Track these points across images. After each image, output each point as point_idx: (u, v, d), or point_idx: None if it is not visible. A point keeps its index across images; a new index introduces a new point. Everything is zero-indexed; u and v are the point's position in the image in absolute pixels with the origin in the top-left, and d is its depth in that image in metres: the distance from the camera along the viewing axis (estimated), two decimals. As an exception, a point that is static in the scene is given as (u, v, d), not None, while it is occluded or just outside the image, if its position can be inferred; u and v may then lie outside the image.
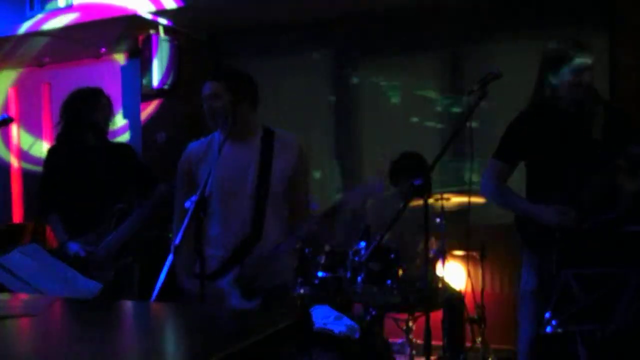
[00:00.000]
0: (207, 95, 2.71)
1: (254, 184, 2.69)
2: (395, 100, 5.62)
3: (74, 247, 3.43)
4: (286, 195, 2.76)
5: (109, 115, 3.68)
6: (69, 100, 3.65)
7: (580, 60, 2.73)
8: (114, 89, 3.85)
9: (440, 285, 4.06)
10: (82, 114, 3.58)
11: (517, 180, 2.96)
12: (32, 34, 5.80)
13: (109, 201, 3.54)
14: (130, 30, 5.73)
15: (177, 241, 2.28)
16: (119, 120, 3.83)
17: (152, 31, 5.69)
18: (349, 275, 3.91)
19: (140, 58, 5.77)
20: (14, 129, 7.17)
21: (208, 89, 2.71)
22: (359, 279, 3.84)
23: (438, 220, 4.25)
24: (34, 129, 7.15)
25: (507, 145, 2.92)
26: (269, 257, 2.66)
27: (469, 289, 4.44)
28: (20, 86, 7.28)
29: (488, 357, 4.40)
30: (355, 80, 5.79)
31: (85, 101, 3.62)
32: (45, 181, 3.64)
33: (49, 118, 7.08)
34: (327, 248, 4.04)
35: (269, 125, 2.84)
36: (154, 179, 3.75)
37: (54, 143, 3.71)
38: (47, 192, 3.61)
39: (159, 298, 2.16)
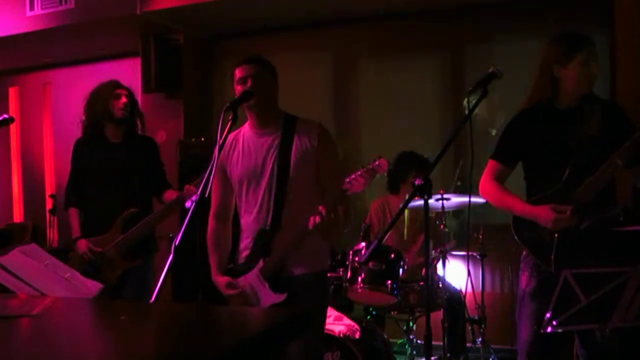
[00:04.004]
0: (239, 78, 2.73)
1: (273, 171, 2.70)
2: (394, 100, 5.62)
3: (83, 246, 3.58)
4: (314, 180, 2.71)
5: (129, 104, 3.69)
6: (89, 96, 3.73)
7: (589, 51, 2.73)
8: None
9: (440, 285, 4.07)
10: (99, 108, 3.66)
11: (517, 180, 2.96)
12: (32, 34, 5.80)
13: (126, 200, 3.62)
14: (131, 30, 5.73)
15: (177, 241, 2.28)
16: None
17: (152, 31, 5.69)
18: (349, 275, 3.91)
19: (141, 58, 5.76)
20: (14, 129, 7.18)
21: (241, 73, 2.73)
22: (359, 279, 3.84)
23: (437, 221, 4.26)
24: (34, 129, 7.15)
25: (504, 146, 2.91)
26: (290, 245, 2.63)
27: (469, 289, 4.44)
28: (20, 86, 7.28)
29: (488, 357, 4.40)
30: (355, 80, 5.79)
31: (101, 93, 3.69)
32: (70, 175, 3.79)
33: (49, 118, 7.08)
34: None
35: (291, 113, 2.84)
36: (167, 183, 3.82)
37: (80, 137, 3.80)
38: (69, 186, 3.77)
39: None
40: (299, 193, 2.69)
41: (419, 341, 4.19)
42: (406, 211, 4.31)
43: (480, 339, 4.40)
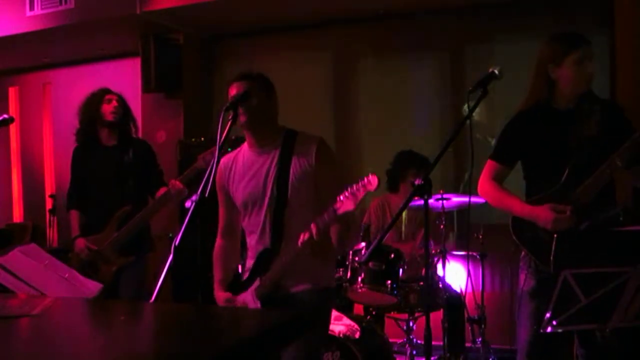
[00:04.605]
0: (231, 97, 2.65)
1: (273, 193, 2.63)
2: (394, 100, 5.62)
3: (80, 244, 3.71)
4: (313, 199, 2.64)
5: (120, 107, 3.81)
6: (81, 104, 3.87)
7: (584, 50, 2.72)
8: (113, 89, 3.90)
9: (440, 285, 4.06)
10: (91, 113, 3.79)
11: (517, 180, 2.95)
12: (32, 34, 5.80)
13: (123, 200, 3.74)
14: (130, 30, 5.73)
15: (177, 241, 2.28)
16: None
17: (152, 31, 5.69)
18: (349, 275, 3.91)
19: (140, 58, 5.76)
20: (14, 129, 7.18)
21: (233, 90, 2.65)
22: (359, 278, 3.84)
23: (437, 221, 4.26)
24: (34, 129, 7.15)
25: (503, 145, 2.90)
26: (284, 264, 2.58)
27: (469, 289, 4.44)
28: (20, 86, 7.28)
29: (488, 357, 4.40)
30: (355, 80, 5.79)
31: (91, 101, 3.82)
32: (70, 179, 3.96)
33: (49, 118, 7.08)
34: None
35: (292, 128, 2.76)
36: (162, 182, 3.89)
37: (77, 144, 3.93)
38: (70, 189, 3.93)
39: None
40: (298, 213, 2.63)
41: (419, 341, 4.19)
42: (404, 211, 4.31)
43: (480, 339, 4.40)
